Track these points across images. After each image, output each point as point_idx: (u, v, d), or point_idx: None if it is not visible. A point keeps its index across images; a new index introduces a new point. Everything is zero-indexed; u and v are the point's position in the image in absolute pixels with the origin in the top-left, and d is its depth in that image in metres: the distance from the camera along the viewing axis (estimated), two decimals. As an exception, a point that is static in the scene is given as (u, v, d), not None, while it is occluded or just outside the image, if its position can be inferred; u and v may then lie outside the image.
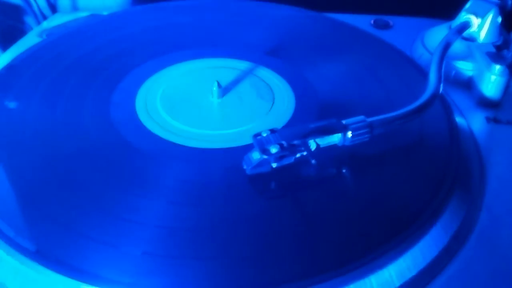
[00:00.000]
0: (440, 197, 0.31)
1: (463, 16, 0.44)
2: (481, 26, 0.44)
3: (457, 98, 0.43)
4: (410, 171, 0.33)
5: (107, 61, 0.42)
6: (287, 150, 0.31)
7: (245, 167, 0.31)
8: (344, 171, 0.33)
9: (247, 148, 0.32)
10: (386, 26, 0.53)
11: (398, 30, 0.53)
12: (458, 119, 0.38)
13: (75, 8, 0.68)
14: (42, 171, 0.32)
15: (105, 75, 0.41)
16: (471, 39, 0.45)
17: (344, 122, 0.32)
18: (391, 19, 0.54)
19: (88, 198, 0.30)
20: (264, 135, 0.31)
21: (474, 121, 0.41)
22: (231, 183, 0.31)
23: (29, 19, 0.70)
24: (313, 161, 0.30)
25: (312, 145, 0.31)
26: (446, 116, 0.37)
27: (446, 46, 0.40)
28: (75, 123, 0.36)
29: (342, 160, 0.33)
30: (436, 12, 0.54)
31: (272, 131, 0.32)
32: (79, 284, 0.26)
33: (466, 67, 0.44)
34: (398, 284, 0.28)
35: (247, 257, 0.27)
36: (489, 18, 0.43)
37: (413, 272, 0.28)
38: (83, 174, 0.32)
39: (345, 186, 0.32)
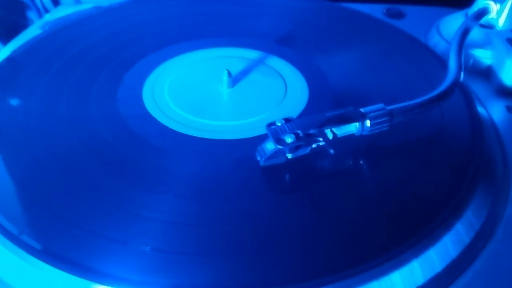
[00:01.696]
0: (464, 189, 0.29)
1: (481, 2, 0.43)
2: (500, 12, 0.42)
3: (476, 88, 0.41)
4: (431, 163, 0.31)
5: (112, 52, 0.41)
6: (303, 140, 0.29)
7: (258, 158, 0.30)
8: (362, 163, 0.31)
9: (260, 140, 0.30)
10: (399, 15, 0.52)
11: (411, 19, 0.51)
12: (479, 109, 0.37)
13: (78, 1, 0.67)
14: (46, 166, 0.30)
15: (110, 66, 0.39)
16: (489, 27, 0.43)
17: (362, 110, 0.30)
18: (404, 8, 0.53)
19: (94, 193, 0.28)
20: (279, 124, 0.30)
21: (494, 111, 0.39)
22: (243, 175, 0.30)
23: (32, 15, 0.69)
24: (331, 151, 0.29)
25: (329, 134, 0.30)
26: (467, 105, 0.35)
27: (464, 32, 0.39)
28: (80, 116, 0.34)
29: (360, 152, 0.31)
30: (449, 2, 0.52)
31: (287, 120, 0.30)
32: (87, 283, 0.24)
33: (484, 55, 0.42)
34: (422, 281, 0.26)
35: (260, 254, 0.25)
36: (509, 3, 0.42)
37: (438, 269, 0.27)
38: (89, 168, 0.30)
39: (363, 179, 0.30)
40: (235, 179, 0.30)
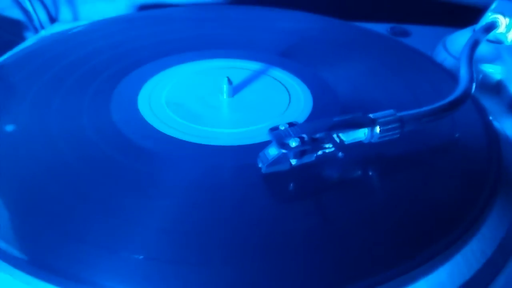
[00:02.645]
0: (482, 202, 0.27)
1: (489, 16, 0.42)
2: (510, 26, 0.41)
3: (486, 103, 0.39)
4: (446, 175, 0.29)
5: (107, 62, 0.39)
6: (308, 144, 0.27)
7: (260, 165, 0.28)
8: (372, 172, 0.29)
9: (262, 147, 0.28)
10: (403, 33, 0.51)
11: (416, 38, 0.50)
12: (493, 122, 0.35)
13: (76, 19, 0.66)
14: (36, 175, 0.28)
15: (104, 76, 0.37)
16: (497, 42, 0.42)
17: (371, 116, 0.29)
18: (408, 27, 0.52)
19: (86, 200, 0.26)
20: (282, 128, 0.28)
21: (506, 127, 0.37)
22: (243, 183, 0.28)
23: (29, 35, 0.68)
24: (340, 154, 0.27)
25: (336, 140, 0.28)
26: (480, 116, 0.34)
27: (474, 44, 0.37)
28: (73, 124, 0.32)
29: (370, 161, 0.29)
30: (454, 21, 0.51)
31: (291, 124, 0.28)
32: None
33: (494, 70, 0.40)
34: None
35: (259, 262, 0.23)
36: (519, 17, 0.41)
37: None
38: (78, 174, 0.28)
39: (372, 189, 0.28)
40: (235, 186, 0.28)
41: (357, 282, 0.23)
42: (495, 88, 0.40)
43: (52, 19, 0.68)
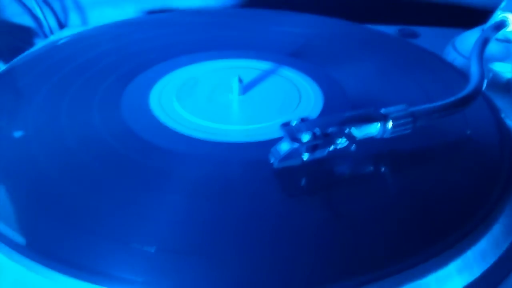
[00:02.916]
0: (495, 196, 0.27)
1: (499, 15, 0.41)
2: (520, 25, 0.41)
3: (497, 102, 0.39)
4: (458, 171, 0.29)
5: (118, 63, 0.39)
6: (320, 139, 0.27)
7: (272, 160, 0.28)
8: (383, 168, 0.29)
9: (273, 143, 0.28)
10: (412, 35, 0.51)
11: (425, 39, 0.50)
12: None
13: (85, 24, 0.67)
14: (43, 166, 0.29)
15: (115, 75, 0.37)
16: (507, 41, 0.42)
17: (383, 110, 0.29)
18: (417, 29, 0.52)
19: (98, 195, 0.26)
20: (294, 123, 0.28)
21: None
22: (255, 178, 0.28)
23: (39, 41, 0.68)
24: (352, 147, 0.27)
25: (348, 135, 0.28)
26: (492, 114, 0.33)
27: (484, 42, 0.37)
28: (83, 121, 0.32)
29: (382, 156, 0.29)
30: (462, 23, 0.51)
31: (303, 119, 0.28)
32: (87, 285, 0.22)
33: (504, 69, 0.40)
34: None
35: (271, 260, 0.23)
36: (528, 16, 0.40)
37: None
38: (89, 170, 0.28)
39: (384, 184, 0.28)
40: (247, 181, 0.28)
41: (366, 275, 0.22)
42: (506, 87, 0.40)
43: (61, 25, 0.68)
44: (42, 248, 0.23)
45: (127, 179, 0.28)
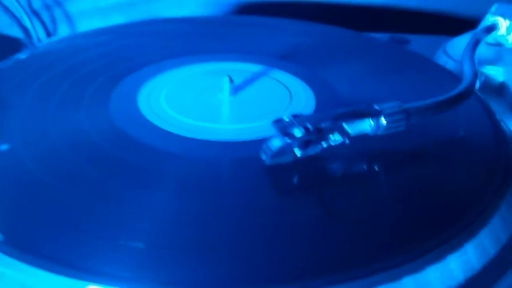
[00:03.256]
0: (493, 189, 0.27)
1: (489, 18, 0.42)
2: (510, 29, 0.41)
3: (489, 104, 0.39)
4: (455, 166, 0.29)
5: (106, 66, 0.38)
6: (313, 134, 0.26)
7: (264, 157, 0.27)
8: (379, 165, 0.28)
9: (262, 142, 0.27)
10: (403, 42, 0.51)
11: (416, 46, 0.50)
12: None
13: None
14: (28, 165, 0.28)
15: (103, 78, 0.36)
16: (498, 45, 0.42)
17: (377, 107, 0.28)
18: (407, 36, 0.52)
19: (86, 193, 0.26)
20: (286, 119, 0.27)
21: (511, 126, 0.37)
22: (246, 176, 0.27)
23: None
24: (346, 141, 0.26)
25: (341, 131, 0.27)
26: (486, 113, 0.33)
27: (475, 42, 0.37)
28: (71, 123, 0.32)
29: (376, 154, 0.29)
30: (453, 30, 0.51)
31: (295, 116, 0.27)
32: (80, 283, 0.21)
33: (496, 72, 0.40)
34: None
35: (261, 258, 0.22)
36: (519, 19, 0.41)
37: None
38: (76, 169, 0.27)
39: (379, 180, 0.27)
40: (237, 179, 0.27)
41: (364, 269, 0.21)
42: (498, 90, 0.40)
43: (50, 36, 0.68)
44: (24, 245, 0.22)
45: (116, 178, 0.27)
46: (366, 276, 0.21)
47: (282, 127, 0.26)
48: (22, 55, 0.42)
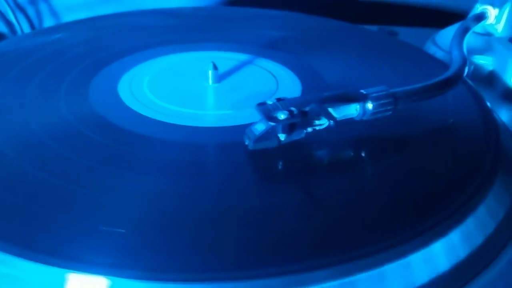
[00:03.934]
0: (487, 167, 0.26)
1: (478, 7, 0.41)
2: (499, 17, 0.40)
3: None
4: (442, 155, 0.28)
5: (86, 54, 0.38)
6: (297, 117, 0.26)
7: (247, 142, 0.26)
8: (363, 153, 0.28)
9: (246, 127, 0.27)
10: (391, 34, 0.50)
11: (404, 37, 0.50)
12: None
13: (60, 27, 0.65)
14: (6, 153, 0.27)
15: (82, 65, 0.36)
16: (487, 34, 0.41)
17: (363, 91, 0.27)
18: (396, 29, 0.51)
19: (68, 180, 0.25)
20: (270, 103, 0.26)
21: (501, 115, 0.36)
22: (227, 161, 0.26)
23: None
24: (331, 122, 0.25)
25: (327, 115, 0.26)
26: (476, 100, 0.33)
27: (464, 30, 0.37)
28: (49, 110, 0.31)
29: (364, 141, 0.28)
30: (441, 23, 0.51)
31: (279, 99, 0.27)
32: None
33: (485, 61, 0.40)
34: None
35: (244, 239, 0.22)
36: (508, 8, 0.40)
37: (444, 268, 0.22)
38: (59, 154, 0.26)
39: (364, 169, 0.27)
40: (220, 164, 0.26)
41: (368, 247, 0.21)
42: (487, 79, 0.40)
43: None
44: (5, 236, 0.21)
45: (97, 164, 0.26)
46: (347, 262, 0.20)
47: (266, 111, 0.26)
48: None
